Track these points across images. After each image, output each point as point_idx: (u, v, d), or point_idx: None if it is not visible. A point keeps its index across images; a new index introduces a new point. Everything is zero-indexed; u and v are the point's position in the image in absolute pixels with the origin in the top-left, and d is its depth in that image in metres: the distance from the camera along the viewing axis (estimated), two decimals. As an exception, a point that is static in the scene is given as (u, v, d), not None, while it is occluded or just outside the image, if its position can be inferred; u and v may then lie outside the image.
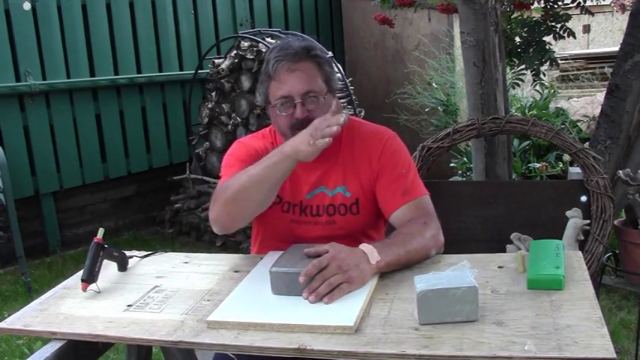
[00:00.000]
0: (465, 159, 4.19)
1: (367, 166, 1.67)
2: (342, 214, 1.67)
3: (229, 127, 4.52)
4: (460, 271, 1.24)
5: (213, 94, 4.65)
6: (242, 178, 1.53)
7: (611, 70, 3.41)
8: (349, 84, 4.48)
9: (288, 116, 1.60)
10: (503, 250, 2.02)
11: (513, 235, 2.07)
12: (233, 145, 1.79)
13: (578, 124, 4.54)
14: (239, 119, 4.48)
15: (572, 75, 5.66)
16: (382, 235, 1.74)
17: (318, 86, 1.61)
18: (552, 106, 4.78)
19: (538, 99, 4.73)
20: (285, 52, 1.60)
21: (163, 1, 4.91)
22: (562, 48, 5.39)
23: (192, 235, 4.65)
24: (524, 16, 3.26)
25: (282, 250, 1.51)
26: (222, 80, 4.55)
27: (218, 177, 1.73)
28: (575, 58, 5.90)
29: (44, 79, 4.31)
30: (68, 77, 4.44)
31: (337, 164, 1.68)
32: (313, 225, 1.67)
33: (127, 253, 1.63)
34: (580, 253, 1.49)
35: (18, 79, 4.20)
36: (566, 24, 3.13)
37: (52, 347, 1.27)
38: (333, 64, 1.70)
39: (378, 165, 1.66)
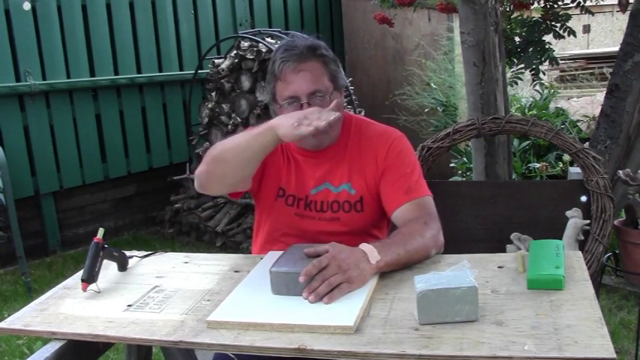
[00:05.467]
0: (464, 159, 4.19)
1: (373, 164, 1.68)
2: (347, 211, 1.68)
3: (229, 127, 4.52)
4: (460, 271, 1.24)
5: (213, 94, 4.65)
6: (228, 142, 1.57)
7: (611, 70, 3.41)
8: (349, 84, 4.48)
9: None
10: (503, 250, 2.02)
11: (513, 235, 2.07)
12: None
13: (578, 124, 4.54)
14: (239, 119, 4.48)
15: (572, 75, 5.67)
16: (386, 235, 1.75)
17: (325, 85, 1.62)
18: (552, 106, 4.78)
19: (538, 99, 4.73)
20: (290, 53, 1.61)
21: (163, 1, 4.91)
22: (562, 48, 5.40)
23: (192, 235, 4.65)
24: (524, 16, 3.26)
25: (284, 245, 1.51)
26: (222, 80, 4.55)
27: None
28: (575, 58, 5.91)
29: (44, 79, 4.31)
30: (68, 77, 4.44)
31: (343, 161, 1.69)
32: (317, 220, 1.68)
33: (127, 253, 1.63)
34: (580, 253, 1.49)
35: (18, 79, 4.20)
36: (566, 24, 3.14)
37: (52, 347, 1.27)
38: (339, 62, 1.71)
39: (384, 164, 1.67)
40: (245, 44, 4.45)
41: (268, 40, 4.43)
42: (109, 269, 1.57)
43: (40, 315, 1.38)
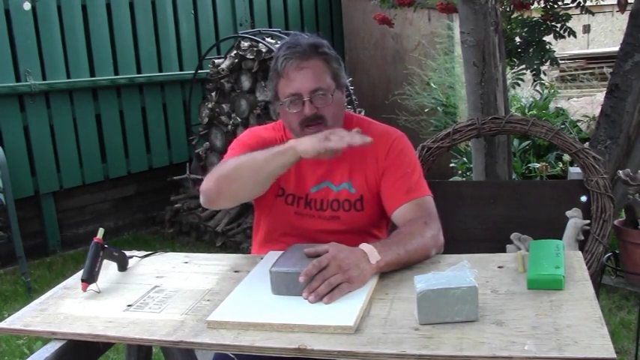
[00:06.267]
0: (464, 159, 4.19)
1: (374, 163, 1.68)
2: (347, 210, 1.68)
3: (229, 127, 4.52)
4: (460, 271, 1.24)
5: (213, 94, 4.65)
6: (243, 158, 1.57)
7: (611, 70, 3.41)
8: (349, 84, 4.48)
9: (297, 113, 1.62)
10: (503, 250, 2.02)
11: (513, 235, 2.07)
12: (244, 132, 1.83)
13: (578, 124, 4.54)
14: (239, 119, 4.48)
15: (572, 75, 5.67)
16: (385, 235, 1.75)
17: (327, 83, 1.62)
18: (552, 106, 4.78)
19: (538, 99, 4.73)
20: (293, 50, 1.61)
21: (163, 1, 4.91)
22: (562, 48, 5.40)
23: (192, 235, 4.65)
24: (524, 16, 3.26)
25: (283, 244, 1.51)
26: (222, 80, 4.55)
27: None
28: (575, 58, 5.91)
29: (44, 79, 4.31)
30: (68, 77, 4.44)
31: (344, 160, 1.69)
32: (317, 219, 1.69)
33: (127, 253, 1.63)
34: (580, 253, 1.49)
35: (18, 79, 4.20)
36: (566, 24, 3.13)
37: (52, 347, 1.27)
38: (341, 61, 1.72)
39: (385, 163, 1.68)
40: (245, 44, 4.45)
41: (268, 40, 4.43)
42: (109, 269, 1.57)
43: (40, 315, 1.38)
